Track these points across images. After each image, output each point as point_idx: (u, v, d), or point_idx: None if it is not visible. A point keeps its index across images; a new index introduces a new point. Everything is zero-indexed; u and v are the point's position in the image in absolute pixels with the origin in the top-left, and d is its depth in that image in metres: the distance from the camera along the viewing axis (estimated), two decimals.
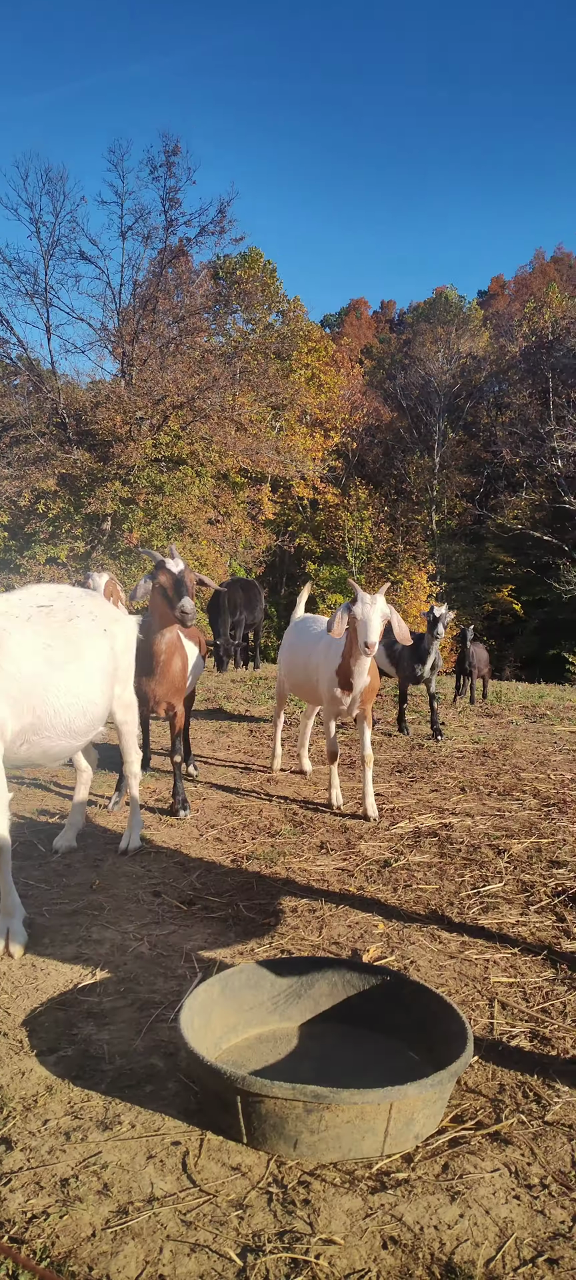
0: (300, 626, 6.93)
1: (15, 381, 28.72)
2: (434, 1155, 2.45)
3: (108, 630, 4.53)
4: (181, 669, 5.76)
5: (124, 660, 4.75)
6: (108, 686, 4.44)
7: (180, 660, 5.74)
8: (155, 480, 24.56)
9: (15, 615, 3.92)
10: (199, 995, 2.87)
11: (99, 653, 4.32)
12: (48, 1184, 2.27)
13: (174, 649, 5.67)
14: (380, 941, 3.85)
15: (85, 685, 4.13)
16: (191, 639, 6.34)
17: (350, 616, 5.42)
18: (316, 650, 6.20)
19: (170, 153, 24.59)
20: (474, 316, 46.50)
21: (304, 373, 35.31)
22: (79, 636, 4.19)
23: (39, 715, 3.88)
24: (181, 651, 5.80)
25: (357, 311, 64.85)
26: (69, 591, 4.52)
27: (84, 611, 4.37)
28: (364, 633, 5.30)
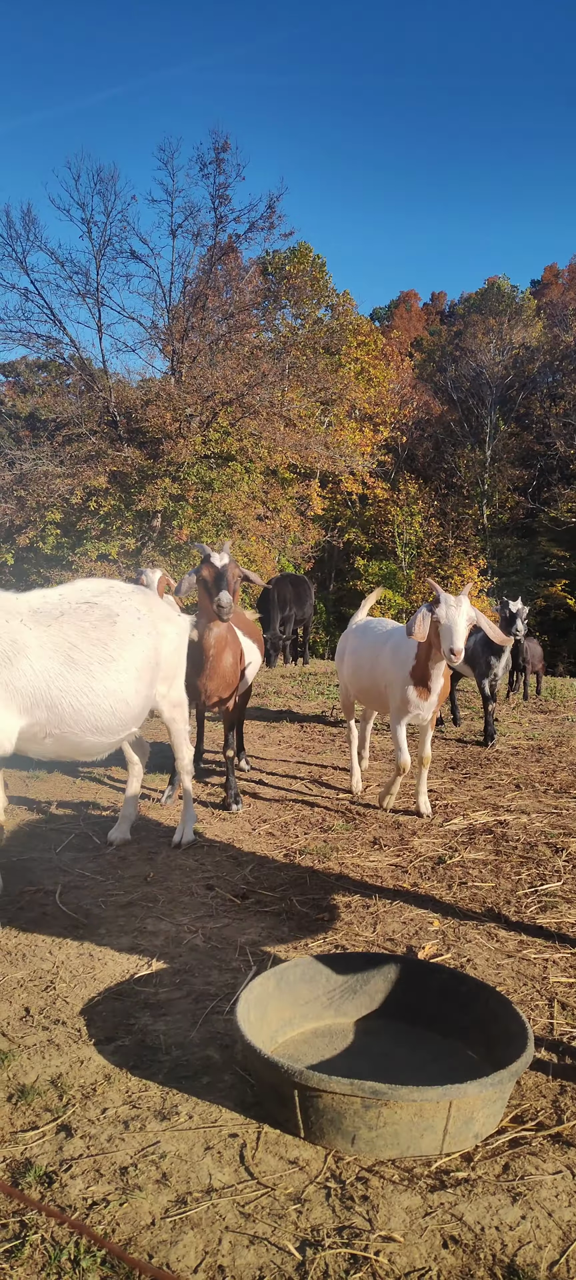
0: (362, 629, 6.45)
1: (68, 381, 29.18)
2: (494, 1155, 2.41)
3: (155, 629, 4.53)
4: (232, 665, 5.71)
5: (173, 659, 4.75)
6: (145, 685, 4.41)
7: (232, 656, 5.70)
8: (204, 477, 24.69)
9: (44, 613, 4.02)
10: (254, 988, 2.87)
11: (137, 651, 4.31)
12: (107, 1171, 2.29)
13: (224, 644, 5.63)
14: (435, 939, 3.81)
15: (113, 684, 4.13)
16: (251, 636, 6.30)
17: (432, 619, 5.10)
18: (383, 652, 5.79)
19: (220, 149, 24.67)
20: (527, 306, 45.74)
21: (353, 367, 35.10)
22: (113, 635, 4.20)
23: (57, 712, 3.95)
24: (234, 647, 5.76)
25: (407, 304, 64.32)
26: (120, 588, 4.54)
27: (129, 609, 4.38)
28: (448, 639, 4.97)
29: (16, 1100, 2.59)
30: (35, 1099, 2.59)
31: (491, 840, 5.22)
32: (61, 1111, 2.54)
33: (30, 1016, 3.10)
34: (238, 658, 5.79)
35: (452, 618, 4.98)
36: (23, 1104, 2.57)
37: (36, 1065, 2.78)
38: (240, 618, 6.38)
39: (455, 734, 8.57)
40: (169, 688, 4.81)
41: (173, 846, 5.02)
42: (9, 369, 41.84)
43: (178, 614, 5.10)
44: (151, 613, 4.58)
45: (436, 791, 6.32)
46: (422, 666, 5.42)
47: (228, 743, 5.93)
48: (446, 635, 5.00)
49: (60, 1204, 2.16)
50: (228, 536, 24.54)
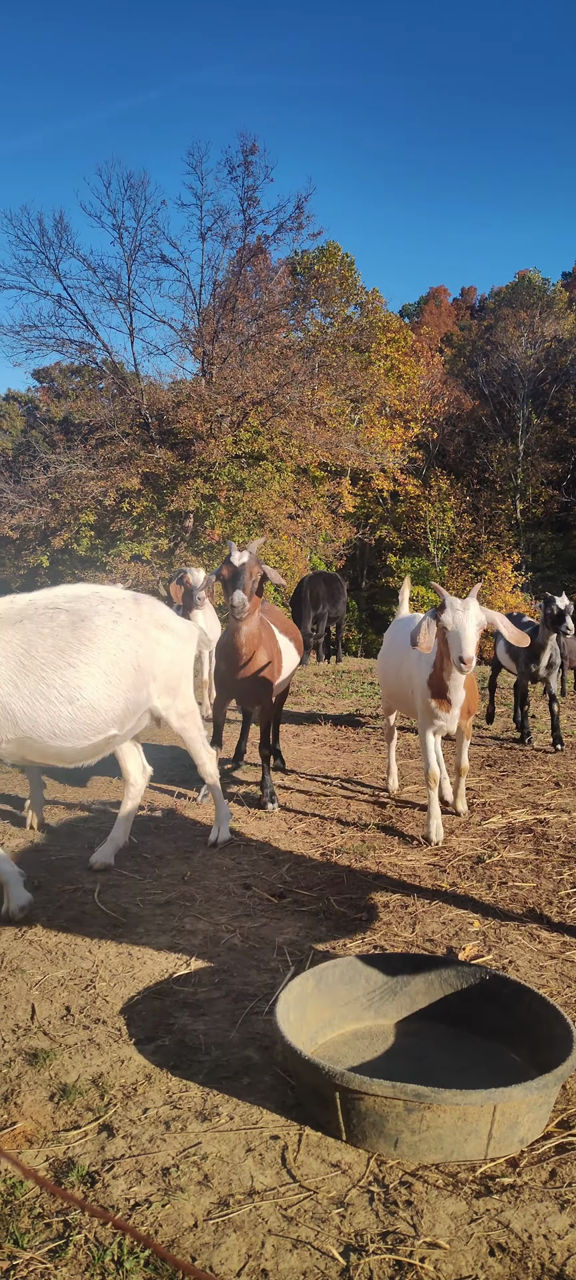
0: (397, 627, 6.16)
1: (100, 385, 29.41)
2: (540, 1161, 2.36)
3: (140, 636, 4.40)
4: (267, 664, 5.67)
5: (172, 669, 4.61)
6: (121, 691, 4.29)
7: (266, 654, 5.65)
8: (236, 476, 24.76)
9: (3, 618, 4.05)
10: (293, 989, 2.85)
11: (103, 656, 4.20)
12: (149, 1172, 2.28)
13: (256, 642, 5.55)
14: (476, 939, 3.77)
15: (70, 688, 4.08)
16: (288, 634, 6.26)
17: (438, 627, 4.68)
18: (409, 656, 5.38)
19: (248, 152, 24.71)
20: (558, 299, 45.20)
21: (383, 364, 34.95)
22: (74, 640, 4.13)
23: (10, 716, 3.97)
24: (269, 646, 5.72)
25: (437, 299, 63.90)
26: (103, 593, 4.44)
27: (102, 613, 4.29)
28: (456, 646, 4.54)
29: (59, 1099, 2.59)
30: (77, 1098, 2.60)
31: (531, 839, 5.15)
32: (103, 1111, 2.54)
33: (71, 1015, 3.11)
34: (273, 656, 5.76)
35: (460, 623, 4.53)
36: (64, 1103, 2.58)
37: (78, 1064, 2.78)
38: (278, 616, 6.36)
39: (491, 731, 8.48)
40: (174, 698, 4.67)
41: (209, 845, 5.01)
42: (43, 375, 42.34)
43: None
44: (137, 619, 4.44)
45: (473, 790, 6.25)
46: (438, 676, 4.98)
47: (264, 741, 5.92)
48: (454, 643, 4.57)
49: (103, 1204, 2.16)
50: (259, 534, 24.56)
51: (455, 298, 65.90)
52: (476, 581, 30.90)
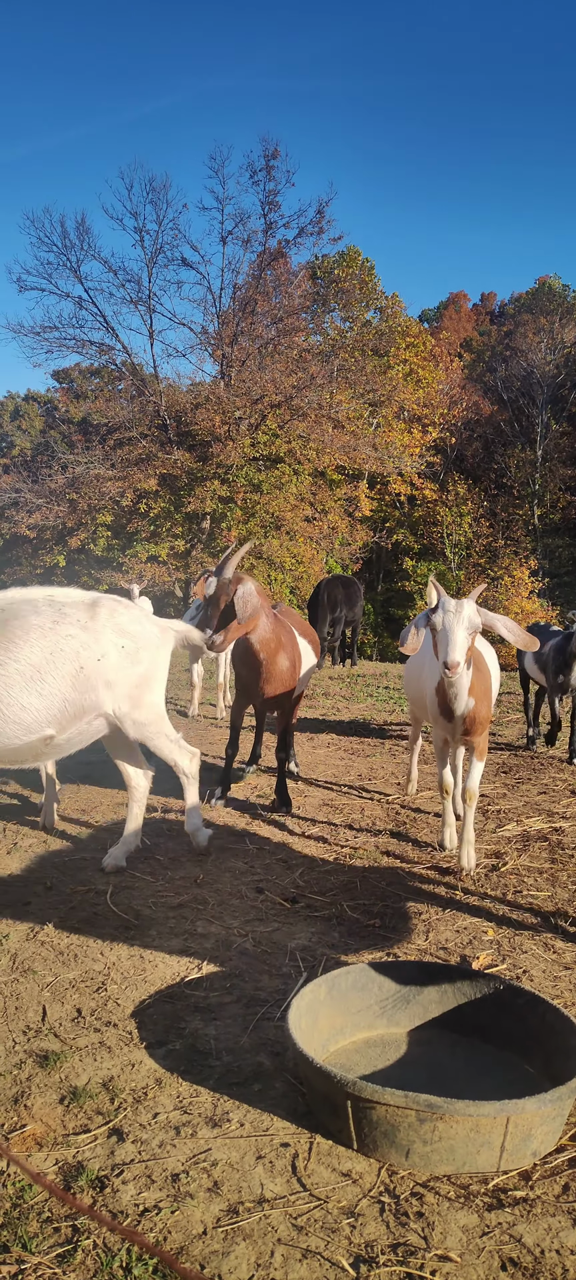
0: None
1: (120, 386, 29.53)
2: (553, 1174, 2.34)
3: (85, 639, 4.33)
4: (286, 667, 5.61)
5: (131, 676, 4.48)
6: (55, 691, 4.22)
7: (285, 658, 5.59)
8: (253, 479, 24.79)
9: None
10: (305, 995, 2.83)
11: (32, 655, 4.17)
12: (159, 1178, 2.27)
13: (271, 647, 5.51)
14: (490, 949, 3.74)
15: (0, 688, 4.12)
16: (306, 637, 6.21)
17: (430, 628, 4.37)
18: (425, 662, 5.17)
19: (270, 156, 24.78)
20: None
21: (402, 368, 34.88)
22: (4, 640, 4.14)
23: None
24: (289, 650, 5.67)
25: (456, 305, 63.73)
26: (52, 595, 4.40)
27: (39, 614, 4.27)
28: (443, 649, 4.20)
29: (69, 1102, 2.59)
30: (87, 1101, 2.59)
31: (546, 847, 5.11)
32: (113, 1115, 2.54)
33: (82, 1018, 3.10)
34: (294, 660, 5.73)
35: (448, 625, 4.19)
36: (75, 1106, 2.57)
37: (88, 1067, 2.78)
38: (296, 619, 6.35)
39: (508, 738, 8.43)
40: (132, 706, 4.52)
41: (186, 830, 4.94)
42: (63, 375, 42.55)
43: (144, 633, 4.68)
44: (87, 621, 4.36)
45: (488, 796, 6.21)
46: (443, 685, 4.62)
47: (281, 745, 5.91)
48: (441, 645, 4.23)
49: (112, 1210, 2.15)
50: (275, 539, 24.55)
51: (475, 303, 65.69)
52: (493, 587, 30.69)
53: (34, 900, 4.19)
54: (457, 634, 4.18)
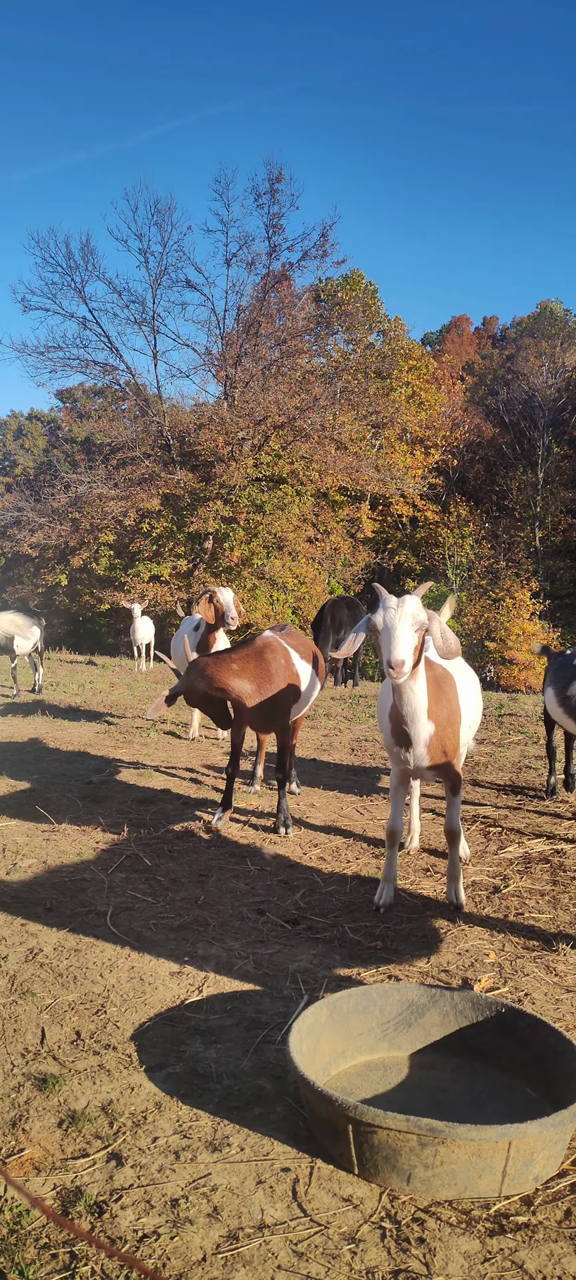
0: None
1: (123, 406, 29.65)
2: (555, 1199, 2.32)
3: None
4: (278, 691, 5.60)
5: None
6: None
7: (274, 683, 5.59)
8: (256, 499, 24.84)
9: None
10: (307, 1018, 2.81)
11: None
12: (158, 1203, 2.25)
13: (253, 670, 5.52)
14: (492, 971, 3.71)
15: None
16: (308, 660, 6.16)
17: (371, 630, 3.98)
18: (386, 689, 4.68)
19: (274, 180, 24.96)
20: None
21: (404, 391, 35.06)
22: None
23: None
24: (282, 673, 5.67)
25: (459, 328, 64.11)
26: None
27: None
28: (385, 648, 3.84)
29: (67, 1126, 2.57)
30: (86, 1125, 2.57)
31: (548, 870, 5.09)
32: (112, 1139, 2.52)
33: (81, 1040, 3.09)
34: (288, 682, 5.72)
35: (390, 621, 3.84)
36: (73, 1130, 2.55)
37: (87, 1091, 2.76)
38: (300, 641, 6.33)
39: (509, 760, 8.40)
40: None
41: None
42: (66, 395, 42.82)
43: None
44: None
45: (490, 818, 6.19)
46: (396, 709, 4.22)
47: (279, 766, 5.90)
48: (384, 644, 3.86)
49: (110, 1235, 2.14)
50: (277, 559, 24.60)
51: (477, 327, 66.11)
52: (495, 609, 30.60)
53: (33, 921, 4.17)
54: (399, 629, 3.83)
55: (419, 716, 4.14)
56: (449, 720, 4.32)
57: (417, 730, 4.18)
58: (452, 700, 4.41)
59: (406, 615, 3.85)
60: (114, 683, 14.28)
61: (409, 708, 4.12)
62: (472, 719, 4.88)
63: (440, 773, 4.38)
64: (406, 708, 4.13)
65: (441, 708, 4.26)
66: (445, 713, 4.29)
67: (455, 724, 4.40)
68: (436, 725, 4.21)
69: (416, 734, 4.19)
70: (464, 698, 4.62)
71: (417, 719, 4.15)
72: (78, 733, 9.34)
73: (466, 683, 4.83)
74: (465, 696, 4.66)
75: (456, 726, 4.42)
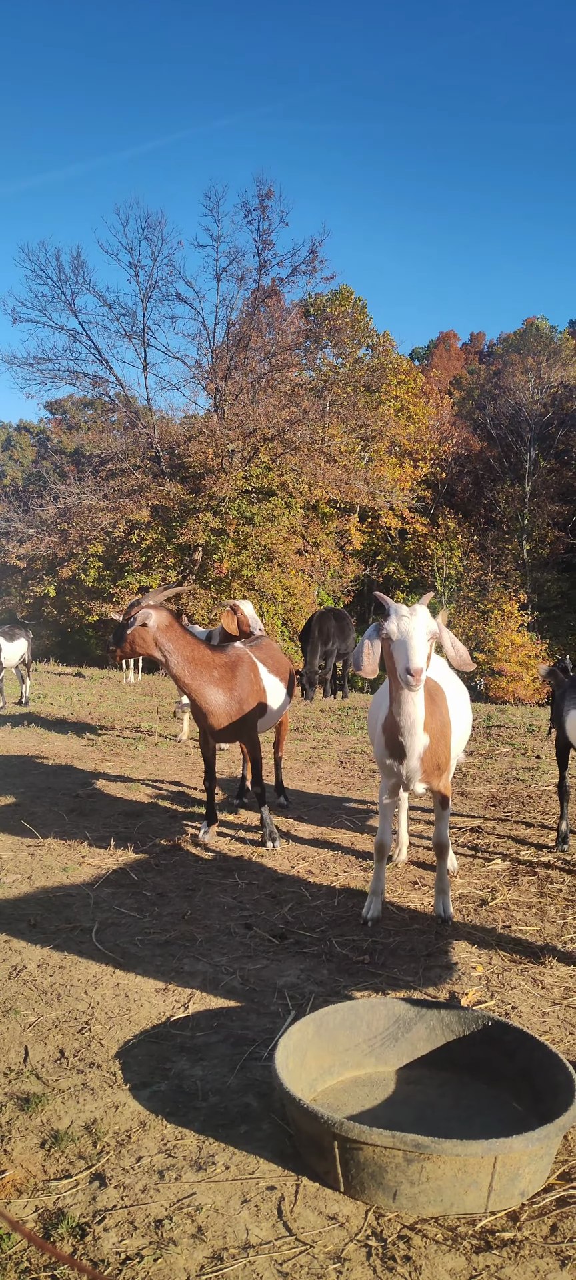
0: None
1: (113, 418, 29.66)
2: (541, 1215, 2.30)
3: None
4: (232, 702, 5.63)
5: None
6: None
7: (234, 696, 5.62)
8: (246, 511, 24.88)
9: None
10: (293, 1034, 2.80)
11: None
12: (141, 1224, 2.23)
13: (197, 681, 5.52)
14: (479, 984, 3.71)
15: None
16: (277, 674, 6.16)
17: (382, 640, 3.94)
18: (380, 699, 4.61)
19: (264, 196, 25.12)
20: (565, 346, 45.55)
21: (393, 404, 35.20)
22: None
23: None
24: (243, 686, 5.68)
25: (447, 344, 64.50)
26: None
27: None
28: (403, 657, 3.79)
29: (50, 1147, 2.54)
30: (69, 1145, 2.54)
31: (535, 881, 5.09)
32: (95, 1159, 2.49)
33: (65, 1059, 3.06)
34: (251, 695, 5.73)
35: (406, 630, 3.80)
36: (56, 1150, 2.52)
37: (71, 1110, 2.73)
38: (271, 654, 6.32)
39: (497, 772, 8.41)
40: None
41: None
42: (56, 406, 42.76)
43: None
44: None
45: (478, 830, 6.19)
46: (391, 714, 4.15)
47: (254, 780, 5.89)
48: (400, 653, 3.81)
49: (93, 1258, 2.11)
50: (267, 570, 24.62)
51: (464, 342, 66.58)
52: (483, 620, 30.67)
53: (17, 938, 4.13)
54: (416, 638, 3.79)
55: (416, 729, 4.11)
56: (441, 733, 4.30)
57: (413, 742, 4.14)
58: (444, 713, 4.40)
59: (421, 623, 3.82)
60: (102, 695, 14.23)
61: (408, 719, 4.07)
62: (462, 732, 4.87)
63: (431, 786, 4.35)
64: (406, 719, 4.07)
65: (435, 720, 4.24)
66: (438, 725, 4.27)
67: (447, 737, 4.39)
68: (431, 738, 4.19)
69: (412, 746, 4.14)
70: (454, 710, 4.61)
71: (415, 731, 4.11)
72: (65, 745, 9.30)
73: (456, 695, 4.82)
74: (455, 709, 4.65)
75: (448, 739, 4.41)
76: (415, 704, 4.05)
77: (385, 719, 4.24)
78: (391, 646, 3.87)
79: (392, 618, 3.85)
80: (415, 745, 4.14)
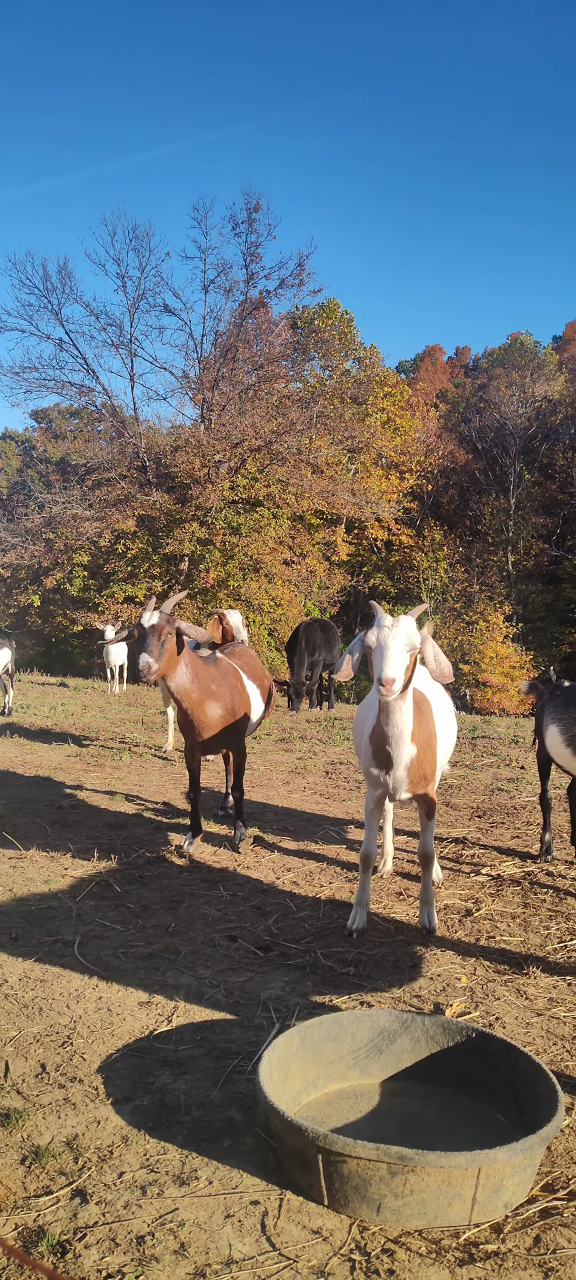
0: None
1: (99, 427, 29.62)
2: (525, 1226, 2.30)
3: None
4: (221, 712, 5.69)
5: None
6: None
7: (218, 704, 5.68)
8: (232, 521, 24.88)
9: None
10: (277, 1047, 2.78)
11: None
12: (123, 1241, 2.20)
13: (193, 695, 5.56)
14: (463, 995, 3.70)
15: None
16: (255, 681, 6.24)
17: (365, 650, 3.96)
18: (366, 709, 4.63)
19: (252, 210, 25.24)
20: (549, 361, 46.04)
21: (379, 416, 35.35)
22: None
23: None
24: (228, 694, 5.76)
25: (432, 358, 64.95)
26: None
27: None
28: (378, 664, 3.83)
29: (31, 1163, 2.51)
30: (50, 1161, 2.52)
31: (519, 892, 5.09)
32: (77, 1175, 2.46)
33: (46, 1073, 3.03)
34: (234, 704, 5.79)
35: (383, 639, 3.84)
36: (37, 1167, 2.50)
37: (52, 1125, 2.70)
38: (249, 662, 6.40)
39: (482, 783, 8.43)
40: None
41: None
42: (42, 415, 42.67)
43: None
44: None
45: (463, 841, 6.19)
46: (378, 724, 4.20)
47: (235, 784, 6.05)
48: (376, 660, 3.85)
49: (73, 1275, 2.09)
50: (253, 580, 24.62)
51: (450, 356, 67.08)
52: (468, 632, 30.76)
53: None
54: (392, 648, 3.82)
55: (404, 739, 4.15)
56: (428, 743, 4.33)
57: (401, 753, 4.17)
58: (431, 723, 4.42)
59: (400, 634, 3.85)
60: (86, 705, 14.16)
61: (396, 729, 4.11)
62: (448, 743, 4.89)
63: (417, 796, 4.37)
64: (393, 729, 4.11)
65: (422, 730, 4.27)
66: (425, 736, 4.30)
67: (433, 747, 4.42)
68: (418, 748, 4.22)
69: (399, 756, 4.18)
70: (440, 721, 4.63)
71: (402, 741, 4.15)
72: (48, 756, 9.24)
73: (441, 706, 4.84)
74: (441, 720, 4.67)
75: (434, 750, 4.44)
76: (403, 714, 4.09)
77: (373, 729, 4.26)
78: (372, 655, 3.90)
79: (375, 627, 3.90)
80: (402, 755, 4.18)
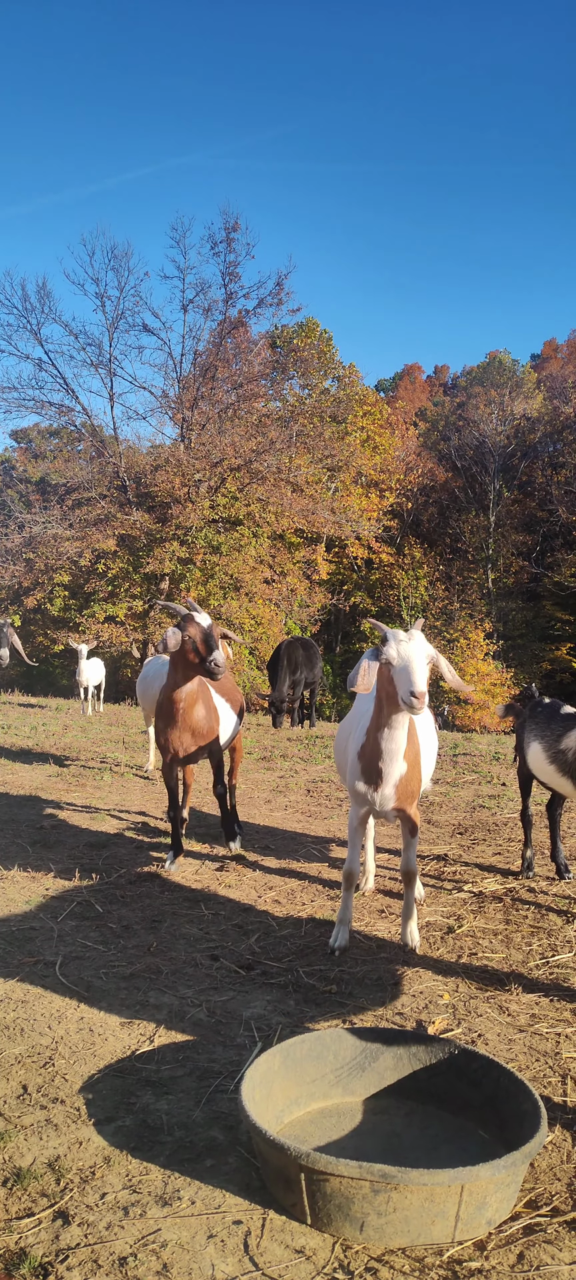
0: None
1: (79, 447, 29.60)
2: (508, 1243, 2.31)
3: None
4: (205, 716, 5.79)
5: None
6: None
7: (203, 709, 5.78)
8: (212, 540, 24.91)
9: None
10: (260, 1066, 2.78)
11: None
12: (105, 1263, 2.19)
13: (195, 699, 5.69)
14: (446, 1013, 3.71)
15: None
16: (225, 695, 6.30)
17: (381, 664, 3.92)
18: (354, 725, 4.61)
19: (230, 229, 25.40)
20: (527, 379, 46.48)
21: (359, 435, 35.57)
22: None
23: None
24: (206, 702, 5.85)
25: (411, 376, 65.44)
26: None
27: None
28: (406, 681, 3.77)
29: (12, 1185, 2.49)
30: (31, 1183, 2.50)
31: (501, 909, 5.12)
32: (59, 1197, 2.45)
33: (28, 1094, 3.00)
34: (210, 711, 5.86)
35: (406, 654, 3.81)
36: (18, 1189, 2.48)
37: (34, 1146, 2.68)
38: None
39: (464, 800, 8.47)
40: None
41: None
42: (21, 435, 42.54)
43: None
44: None
45: (446, 858, 6.22)
46: (373, 742, 4.20)
47: (216, 780, 6.02)
48: (402, 678, 3.79)
49: None
50: (234, 599, 24.65)
51: (429, 375, 67.67)
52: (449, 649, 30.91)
53: None
54: (416, 662, 3.80)
55: (398, 755, 4.17)
56: (416, 760, 4.34)
57: (392, 769, 4.19)
58: (416, 740, 4.44)
59: (421, 648, 3.86)
60: (67, 725, 14.08)
61: (394, 744, 4.12)
62: (430, 760, 4.91)
63: (402, 813, 4.37)
64: (392, 744, 4.12)
65: (411, 747, 4.28)
66: (413, 753, 4.30)
67: (419, 764, 4.43)
68: (407, 765, 4.24)
69: (390, 772, 4.19)
70: (423, 738, 4.65)
71: (396, 758, 4.17)
72: (29, 776, 9.19)
73: (424, 722, 4.86)
74: (423, 737, 4.69)
75: (420, 766, 4.45)
76: (403, 730, 4.11)
77: (362, 745, 4.26)
78: (392, 672, 3.88)
79: (392, 642, 3.88)
80: (393, 772, 4.20)
